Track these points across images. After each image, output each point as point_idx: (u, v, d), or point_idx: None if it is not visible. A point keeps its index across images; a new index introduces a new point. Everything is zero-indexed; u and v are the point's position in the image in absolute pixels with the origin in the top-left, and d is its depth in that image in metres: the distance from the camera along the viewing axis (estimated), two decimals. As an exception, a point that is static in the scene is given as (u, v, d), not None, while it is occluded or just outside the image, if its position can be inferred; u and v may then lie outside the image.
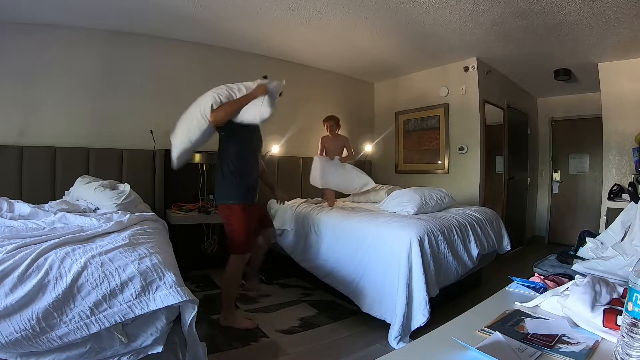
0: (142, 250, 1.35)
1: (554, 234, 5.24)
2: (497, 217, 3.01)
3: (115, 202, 2.30)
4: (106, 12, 2.87)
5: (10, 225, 1.71)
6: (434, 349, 0.72)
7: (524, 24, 2.91)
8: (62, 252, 1.26)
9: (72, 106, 3.05)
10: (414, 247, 2.08)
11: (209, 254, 3.34)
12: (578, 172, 5.03)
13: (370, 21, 3.01)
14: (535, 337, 0.73)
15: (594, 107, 4.01)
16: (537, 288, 1.02)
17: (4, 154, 2.72)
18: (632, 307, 0.57)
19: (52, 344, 1.09)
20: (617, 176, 3.63)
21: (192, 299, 1.22)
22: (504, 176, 4.30)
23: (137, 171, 3.16)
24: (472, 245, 2.51)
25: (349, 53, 3.86)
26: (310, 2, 2.70)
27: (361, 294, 2.29)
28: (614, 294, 0.83)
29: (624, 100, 3.55)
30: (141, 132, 3.24)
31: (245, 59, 3.84)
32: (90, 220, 1.83)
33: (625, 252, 1.27)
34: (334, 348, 2.00)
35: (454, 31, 3.15)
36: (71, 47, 3.04)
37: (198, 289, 2.85)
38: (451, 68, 4.06)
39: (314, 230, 2.78)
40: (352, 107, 4.80)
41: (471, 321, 0.82)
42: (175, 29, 3.27)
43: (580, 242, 1.55)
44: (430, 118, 4.33)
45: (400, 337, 1.98)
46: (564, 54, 3.57)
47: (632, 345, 0.56)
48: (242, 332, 2.14)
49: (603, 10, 2.59)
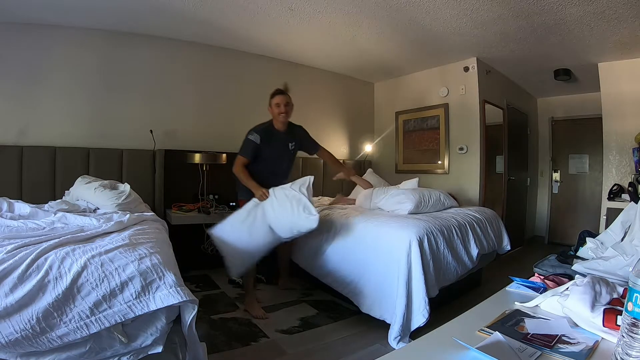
0: (142, 250, 1.35)
1: (554, 234, 5.24)
2: (496, 217, 3.01)
3: (115, 202, 2.30)
4: (106, 12, 2.87)
5: (10, 225, 1.71)
6: (434, 349, 0.72)
7: (524, 24, 2.91)
8: (62, 252, 1.26)
9: (72, 106, 3.05)
10: (414, 248, 2.07)
11: (209, 254, 3.34)
12: (578, 172, 5.03)
13: (371, 21, 3.01)
14: (535, 337, 0.73)
15: (594, 107, 4.01)
16: (537, 288, 1.02)
17: (4, 154, 2.72)
18: (632, 307, 0.57)
19: (52, 344, 1.09)
20: (617, 176, 3.63)
21: (192, 299, 1.22)
22: (503, 176, 4.30)
23: (137, 171, 3.16)
24: (472, 245, 2.50)
25: (349, 53, 3.86)
26: (310, 2, 2.70)
27: (361, 294, 2.28)
28: (614, 294, 0.83)
29: (624, 100, 3.55)
30: (141, 132, 3.24)
31: (245, 59, 3.84)
32: (90, 220, 1.83)
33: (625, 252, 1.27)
34: (334, 348, 2.00)
35: (454, 31, 3.15)
36: (71, 47, 3.04)
37: (198, 289, 2.85)
38: (451, 68, 4.06)
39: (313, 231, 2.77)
40: (352, 107, 4.80)
41: (471, 321, 0.82)
42: (175, 28, 3.27)
43: (580, 242, 1.55)
44: (430, 118, 4.33)
45: (400, 337, 1.98)
46: (564, 54, 3.57)
47: (632, 345, 0.56)
48: (242, 332, 2.14)
49: (603, 10, 2.58)
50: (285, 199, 2.31)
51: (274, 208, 2.32)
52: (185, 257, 2.10)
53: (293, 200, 2.28)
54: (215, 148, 3.40)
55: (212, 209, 3.09)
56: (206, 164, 3.21)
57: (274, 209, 2.31)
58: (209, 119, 3.62)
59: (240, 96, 3.83)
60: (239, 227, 2.31)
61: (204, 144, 3.48)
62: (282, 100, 2.51)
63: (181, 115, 3.53)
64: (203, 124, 3.61)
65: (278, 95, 2.52)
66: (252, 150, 2.48)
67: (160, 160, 3.20)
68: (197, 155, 3.14)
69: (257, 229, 2.30)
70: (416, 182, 3.19)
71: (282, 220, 2.30)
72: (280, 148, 2.60)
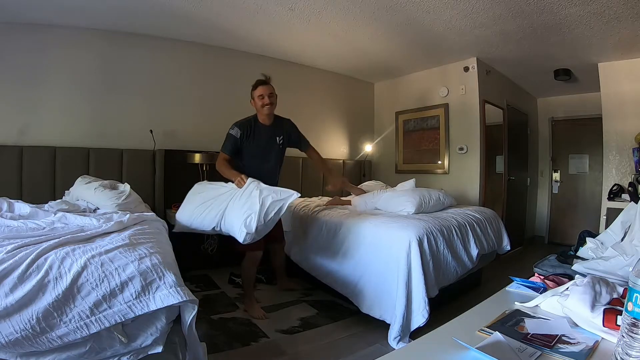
0: (142, 250, 1.34)
1: (554, 234, 5.24)
2: (496, 217, 3.01)
3: (115, 202, 2.30)
4: (106, 12, 2.87)
5: (10, 225, 1.71)
6: (434, 349, 0.72)
7: (524, 24, 2.91)
8: (62, 252, 1.25)
9: (72, 106, 3.05)
10: (413, 248, 2.07)
11: (209, 254, 3.34)
12: (578, 172, 5.03)
13: (371, 21, 3.01)
14: (535, 337, 0.73)
15: (594, 107, 4.01)
16: (537, 288, 1.02)
17: (4, 154, 2.71)
18: (632, 307, 0.57)
19: (52, 344, 1.09)
20: (617, 176, 3.63)
21: (192, 299, 1.22)
22: (503, 176, 4.30)
23: (137, 171, 3.15)
24: (472, 245, 2.50)
25: (349, 53, 3.86)
26: (310, 2, 2.70)
27: (360, 295, 2.29)
28: (614, 294, 0.83)
29: (624, 100, 3.55)
30: (141, 132, 3.24)
31: (245, 59, 3.84)
32: (90, 220, 1.82)
33: (625, 252, 1.27)
34: (334, 348, 2.00)
35: (454, 31, 3.15)
36: (71, 47, 3.04)
37: (198, 289, 2.85)
38: (451, 68, 4.06)
39: (312, 231, 2.78)
40: (352, 107, 4.80)
41: (471, 321, 0.82)
42: (175, 28, 3.27)
43: (580, 242, 1.55)
44: (430, 118, 4.33)
45: (400, 338, 1.98)
46: (564, 54, 3.57)
47: (632, 345, 0.56)
48: (242, 332, 2.14)
49: (603, 10, 2.58)
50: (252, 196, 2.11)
51: (237, 197, 2.16)
52: (185, 257, 2.09)
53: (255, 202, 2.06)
54: (216, 148, 3.36)
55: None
56: (206, 164, 3.21)
57: (236, 198, 2.16)
58: (209, 119, 3.61)
59: (241, 96, 3.81)
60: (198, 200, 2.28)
61: (204, 144, 3.47)
62: (266, 90, 2.39)
63: (181, 115, 3.53)
64: (203, 124, 3.60)
65: (261, 86, 2.40)
66: (231, 145, 2.39)
67: (160, 160, 3.20)
68: (197, 155, 3.14)
69: (211, 209, 2.20)
70: (413, 183, 3.19)
71: (233, 211, 2.13)
72: (265, 143, 2.49)
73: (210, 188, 2.36)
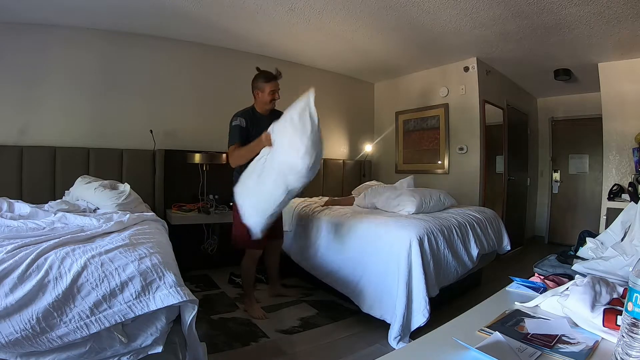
0: (142, 250, 1.34)
1: (554, 234, 5.24)
2: (496, 217, 3.01)
3: (115, 202, 2.30)
4: (106, 12, 2.87)
5: (10, 225, 1.71)
6: (434, 349, 0.72)
7: (524, 23, 2.91)
8: (62, 252, 1.25)
9: (72, 106, 3.05)
10: (414, 247, 2.07)
11: (209, 254, 3.34)
12: (578, 172, 5.03)
13: (370, 21, 3.01)
14: (535, 337, 0.73)
15: (594, 107, 4.01)
16: (537, 288, 1.02)
17: (4, 154, 2.72)
18: (632, 307, 0.57)
19: (52, 344, 1.09)
20: (617, 176, 3.63)
21: (192, 299, 1.22)
22: (504, 176, 4.30)
23: (137, 171, 3.15)
24: (472, 245, 2.50)
25: (349, 53, 3.86)
26: (310, 2, 2.70)
27: (361, 294, 2.29)
28: (614, 294, 0.83)
29: (624, 100, 3.55)
30: (141, 132, 3.24)
31: (245, 59, 3.83)
32: (90, 220, 1.82)
33: (625, 252, 1.27)
34: (334, 348, 2.00)
35: (454, 31, 3.15)
36: (71, 47, 3.04)
37: (198, 289, 2.85)
38: (451, 68, 4.06)
39: (313, 231, 2.78)
40: (352, 107, 4.80)
41: (471, 321, 0.82)
42: (175, 28, 3.27)
43: (580, 242, 1.55)
44: (430, 118, 4.33)
45: (400, 337, 1.98)
46: (564, 54, 3.57)
47: (632, 345, 0.56)
48: (242, 332, 2.14)
49: (603, 10, 2.58)
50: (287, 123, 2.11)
51: (277, 143, 2.10)
52: (185, 257, 2.10)
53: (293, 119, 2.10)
54: (215, 148, 3.40)
55: (212, 209, 3.09)
56: (206, 164, 3.21)
57: (277, 145, 2.10)
58: (209, 119, 3.61)
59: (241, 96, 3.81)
60: (248, 183, 2.16)
61: (204, 144, 3.48)
62: (277, 86, 2.40)
63: (181, 115, 3.53)
64: (203, 124, 3.60)
65: (275, 81, 2.39)
66: (240, 133, 2.33)
67: (160, 160, 3.20)
68: (197, 155, 3.14)
69: (265, 179, 2.09)
70: (412, 180, 3.20)
71: (284, 149, 2.06)
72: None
73: (248, 173, 2.20)
